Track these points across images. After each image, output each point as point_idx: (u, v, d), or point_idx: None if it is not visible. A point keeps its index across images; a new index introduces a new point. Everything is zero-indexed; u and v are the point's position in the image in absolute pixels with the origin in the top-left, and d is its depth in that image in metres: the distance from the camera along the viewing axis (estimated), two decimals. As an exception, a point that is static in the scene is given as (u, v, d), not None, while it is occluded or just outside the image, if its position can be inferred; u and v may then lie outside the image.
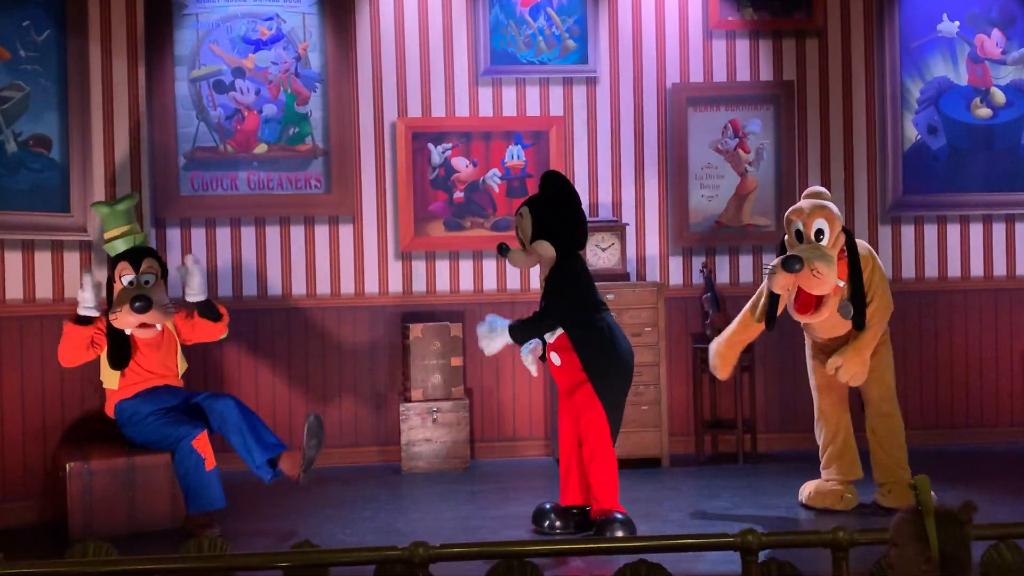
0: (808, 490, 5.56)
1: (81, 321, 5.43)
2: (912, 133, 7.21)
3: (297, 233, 6.94)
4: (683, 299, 7.08)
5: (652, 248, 7.12)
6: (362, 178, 6.98)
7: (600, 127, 7.11)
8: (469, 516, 5.53)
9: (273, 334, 6.90)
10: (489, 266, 7.06)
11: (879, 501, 5.49)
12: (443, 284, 7.04)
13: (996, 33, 7.25)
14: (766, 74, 7.17)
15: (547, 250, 5.04)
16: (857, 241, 5.40)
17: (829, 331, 5.45)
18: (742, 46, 7.17)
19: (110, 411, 5.66)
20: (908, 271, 7.21)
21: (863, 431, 5.59)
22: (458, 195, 7.03)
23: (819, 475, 5.64)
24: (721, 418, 7.06)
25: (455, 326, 6.72)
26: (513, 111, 7.07)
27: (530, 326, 5.06)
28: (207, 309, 5.69)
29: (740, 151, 7.15)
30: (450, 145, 7.02)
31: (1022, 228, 7.29)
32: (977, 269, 7.26)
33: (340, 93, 6.91)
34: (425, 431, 6.63)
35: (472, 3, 7.00)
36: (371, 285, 6.98)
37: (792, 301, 5.36)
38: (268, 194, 6.89)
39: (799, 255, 5.12)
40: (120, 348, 5.51)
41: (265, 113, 6.88)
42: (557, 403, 5.42)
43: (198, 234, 6.84)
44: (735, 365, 5.77)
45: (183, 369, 5.83)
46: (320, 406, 6.86)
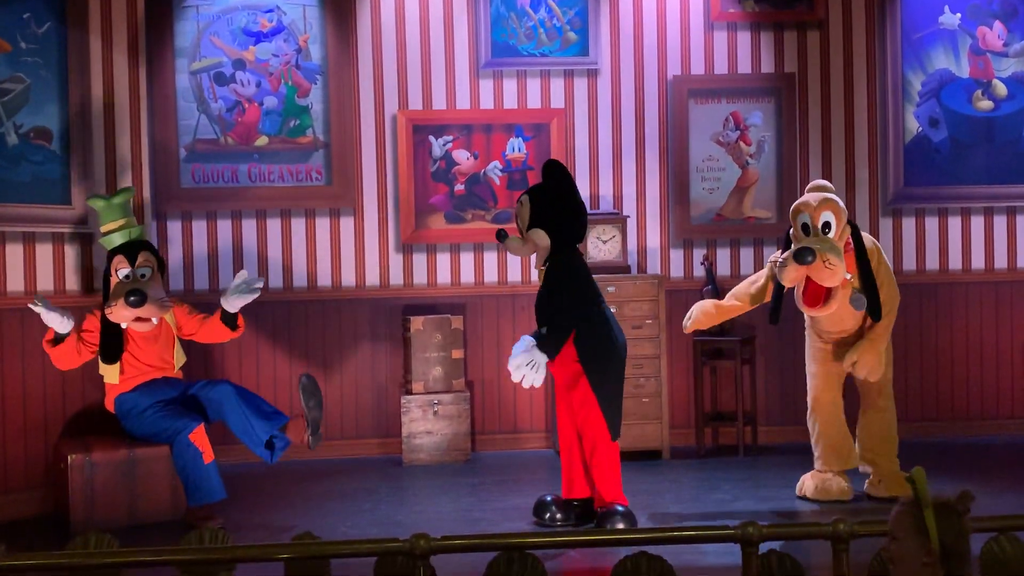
0: (809, 484, 5.56)
1: (58, 340, 5.39)
2: (913, 125, 7.20)
3: (298, 225, 6.94)
4: (684, 292, 7.08)
5: (653, 240, 7.12)
6: (363, 170, 6.98)
7: (601, 119, 7.10)
8: (470, 508, 5.54)
9: (274, 327, 6.90)
10: (490, 258, 7.05)
11: (869, 492, 5.54)
12: (444, 277, 7.04)
13: (998, 25, 7.24)
14: (767, 66, 7.15)
15: (543, 239, 5.04)
16: (862, 234, 5.41)
17: (837, 324, 5.46)
18: (743, 38, 7.16)
19: (110, 405, 5.66)
20: (909, 263, 7.20)
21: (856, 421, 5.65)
22: (459, 188, 7.03)
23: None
24: (722, 411, 7.06)
25: (456, 319, 6.72)
26: (514, 103, 7.06)
27: (556, 336, 4.97)
28: (230, 318, 5.66)
29: (741, 143, 7.14)
30: (451, 137, 7.01)
31: (1023, 220, 7.30)
32: (978, 261, 7.26)
33: (341, 85, 6.90)
34: (426, 423, 6.63)
35: (473, -5, 7.00)
36: (372, 277, 6.98)
37: (800, 295, 5.36)
38: (269, 186, 6.89)
39: (811, 247, 5.13)
40: (112, 342, 5.50)
41: (266, 105, 6.87)
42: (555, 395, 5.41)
43: (199, 226, 6.84)
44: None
45: (181, 362, 5.83)
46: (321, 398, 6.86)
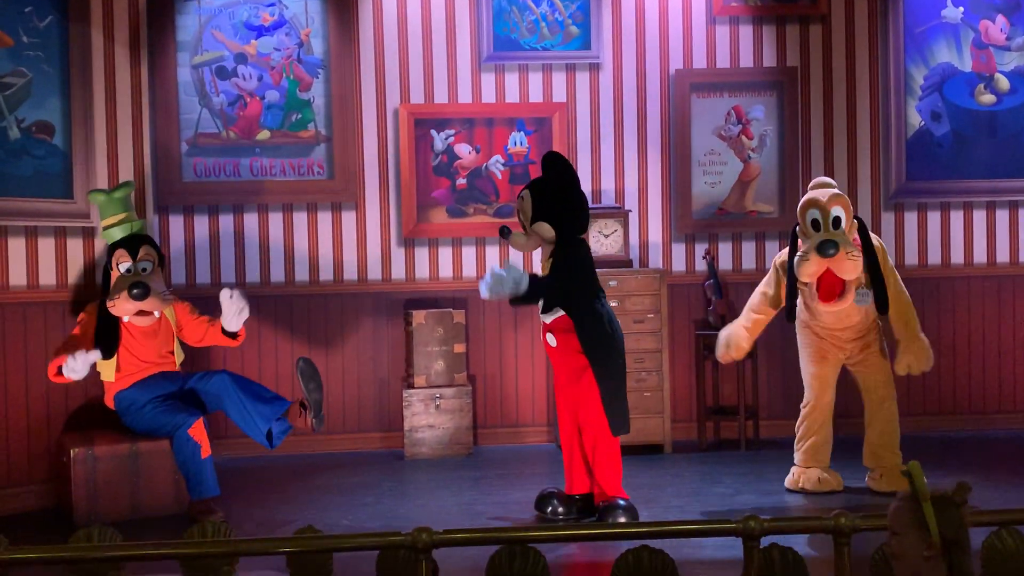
0: (806, 477, 5.56)
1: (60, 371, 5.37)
2: (916, 119, 7.19)
3: (300, 220, 6.94)
4: (686, 286, 7.08)
5: (655, 235, 7.12)
6: (365, 165, 6.97)
7: (603, 113, 7.10)
8: (472, 502, 5.54)
9: (276, 321, 6.91)
10: (492, 252, 7.05)
11: (872, 486, 5.56)
12: (446, 271, 7.04)
13: (1001, 19, 7.23)
14: (769, 60, 7.15)
15: (547, 232, 5.01)
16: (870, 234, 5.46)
17: (844, 320, 5.48)
18: (745, 32, 7.15)
19: (109, 403, 5.67)
20: (911, 258, 7.20)
21: (853, 417, 5.66)
22: (461, 182, 7.02)
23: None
24: (723, 405, 7.07)
25: (458, 312, 6.73)
26: (516, 97, 7.05)
27: (552, 291, 4.95)
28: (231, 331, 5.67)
29: (743, 137, 7.13)
30: (453, 131, 7.01)
31: (1025, 215, 7.31)
32: (980, 256, 7.25)
33: (342, 79, 6.90)
34: (428, 417, 6.64)
35: (475, -11, 7.00)
36: (374, 272, 6.98)
37: (814, 291, 5.36)
38: (271, 180, 6.88)
39: (833, 239, 5.14)
40: (109, 336, 5.48)
41: (267, 99, 6.87)
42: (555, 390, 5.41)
43: (200, 220, 6.84)
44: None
45: (181, 359, 5.82)
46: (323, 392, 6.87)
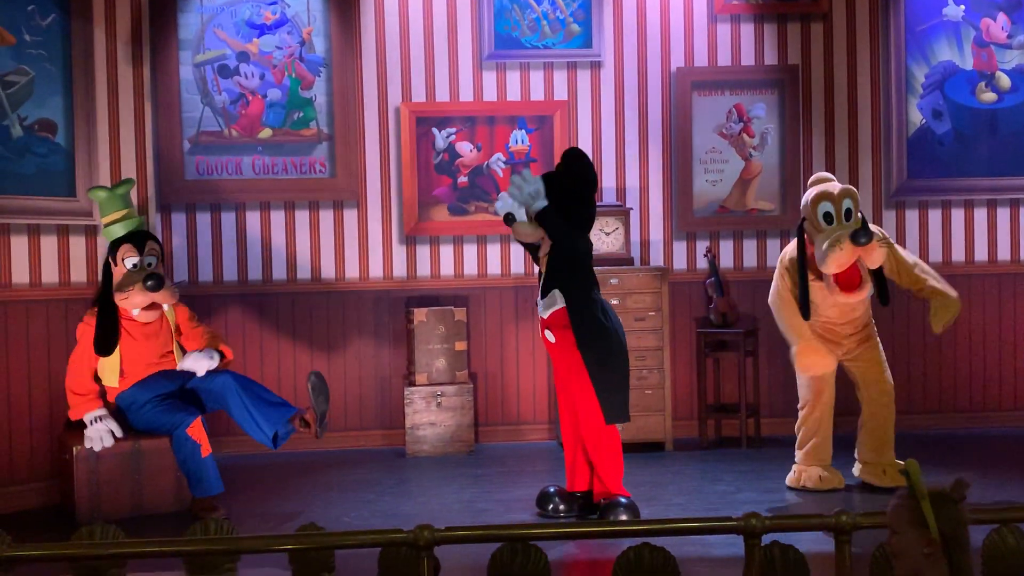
0: (808, 475, 5.57)
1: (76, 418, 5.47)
2: (917, 117, 7.19)
3: (302, 218, 6.95)
4: (687, 284, 7.09)
5: (656, 233, 7.12)
6: (366, 162, 6.98)
7: (604, 112, 7.10)
8: (473, 499, 5.55)
9: (278, 318, 6.92)
10: (493, 250, 7.06)
11: (874, 481, 5.58)
12: (447, 268, 7.05)
13: (1002, 17, 7.23)
14: (771, 58, 7.15)
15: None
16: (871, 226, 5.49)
17: (848, 313, 5.53)
18: (747, 30, 7.15)
19: (112, 402, 5.66)
20: (913, 256, 7.20)
21: (854, 416, 5.70)
22: (462, 180, 7.03)
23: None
24: (725, 402, 7.07)
25: (459, 310, 6.73)
26: (517, 95, 7.06)
27: (552, 222, 4.91)
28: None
29: (744, 135, 7.14)
30: (454, 130, 7.01)
31: (1027, 213, 7.31)
32: (981, 254, 7.25)
33: (344, 77, 6.90)
34: (429, 415, 6.65)
35: (476, -13, 7.00)
36: (375, 269, 6.99)
37: (833, 283, 5.36)
38: (273, 179, 6.89)
39: (865, 228, 5.21)
40: (108, 335, 5.44)
41: (270, 97, 6.88)
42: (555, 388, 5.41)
43: (203, 219, 6.85)
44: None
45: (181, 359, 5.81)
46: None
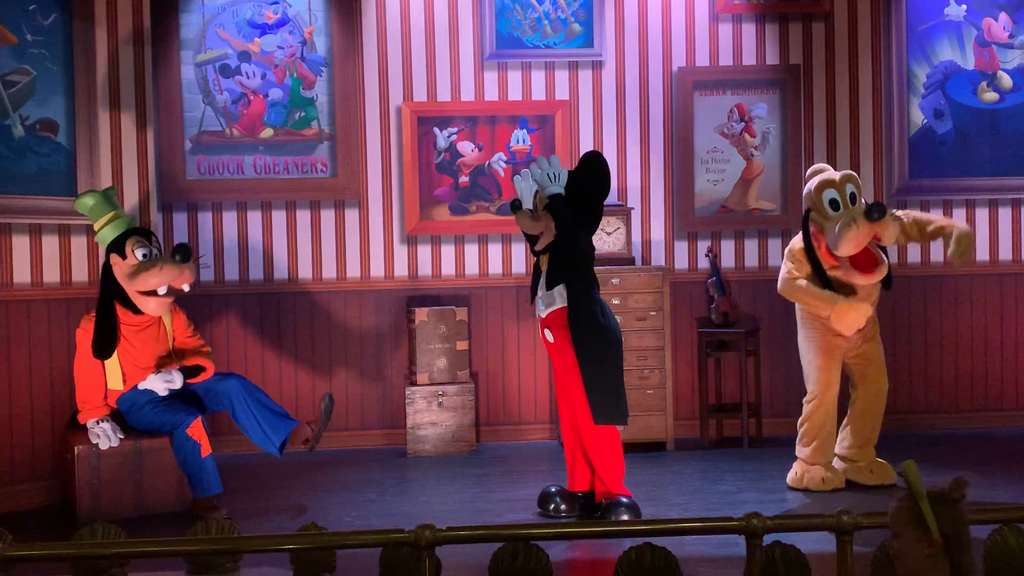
0: (811, 475, 5.57)
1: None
2: (918, 117, 7.19)
3: (303, 217, 6.95)
4: (688, 283, 7.09)
5: (657, 232, 7.12)
6: (368, 162, 6.98)
7: (606, 111, 7.10)
8: (474, 499, 5.55)
9: (279, 318, 6.92)
10: (495, 250, 7.06)
11: (860, 479, 5.61)
12: (448, 268, 7.05)
13: (1003, 17, 7.22)
14: (772, 58, 7.14)
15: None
16: None
17: (865, 299, 5.52)
18: (748, 30, 7.15)
19: (113, 403, 5.66)
20: (914, 255, 7.20)
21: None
22: (463, 179, 7.03)
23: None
24: (726, 402, 7.07)
25: (460, 310, 6.73)
26: (519, 95, 7.05)
27: (566, 212, 4.90)
28: (192, 373, 5.60)
29: (746, 135, 7.13)
30: (455, 129, 7.01)
31: (1028, 213, 7.31)
32: (983, 254, 7.25)
33: (346, 77, 6.90)
34: (430, 415, 6.65)
35: (478, -13, 6.99)
36: (377, 269, 6.99)
37: (851, 267, 5.35)
38: (274, 178, 6.89)
39: (877, 204, 5.18)
40: (107, 337, 5.42)
41: (271, 97, 6.88)
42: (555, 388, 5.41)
43: (204, 218, 6.85)
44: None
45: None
46: (326, 390, 6.88)
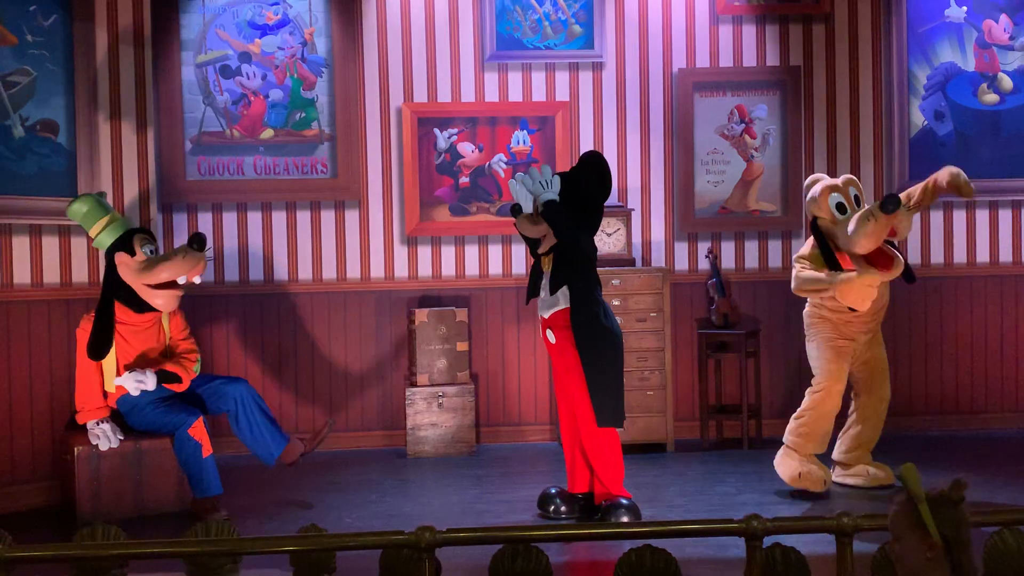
0: (811, 481, 5.54)
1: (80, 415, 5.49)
2: (919, 119, 7.19)
3: (303, 218, 6.95)
4: (688, 284, 7.08)
5: (658, 233, 7.12)
6: (368, 163, 6.98)
7: (606, 112, 7.10)
8: (475, 500, 5.55)
9: (279, 319, 6.92)
10: (495, 251, 7.06)
11: (859, 483, 5.61)
12: (448, 269, 7.05)
13: (1004, 19, 7.22)
14: (772, 59, 7.14)
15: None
16: None
17: (879, 300, 5.49)
18: (748, 31, 7.15)
19: (113, 404, 5.66)
20: (914, 257, 7.20)
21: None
22: (464, 180, 7.03)
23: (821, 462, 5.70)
24: (726, 404, 7.06)
25: (460, 311, 6.73)
26: (519, 96, 7.05)
27: (562, 217, 4.91)
28: (167, 379, 5.55)
29: (746, 136, 7.13)
30: (456, 130, 7.01)
31: (1028, 214, 7.31)
32: (983, 255, 7.25)
33: (346, 78, 6.91)
34: (431, 416, 6.65)
35: (478, -12, 7.00)
36: (377, 270, 6.99)
37: (868, 266, 5.29)
38: (274, 179, 6.89)
39: (891, 196, 5.07)
40: (103, 338, 5.40)
41: (271, 98, 6.88)
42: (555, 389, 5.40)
43: (204, 219, 6.85)
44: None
45: None
46: (326, 390, 6.89)
